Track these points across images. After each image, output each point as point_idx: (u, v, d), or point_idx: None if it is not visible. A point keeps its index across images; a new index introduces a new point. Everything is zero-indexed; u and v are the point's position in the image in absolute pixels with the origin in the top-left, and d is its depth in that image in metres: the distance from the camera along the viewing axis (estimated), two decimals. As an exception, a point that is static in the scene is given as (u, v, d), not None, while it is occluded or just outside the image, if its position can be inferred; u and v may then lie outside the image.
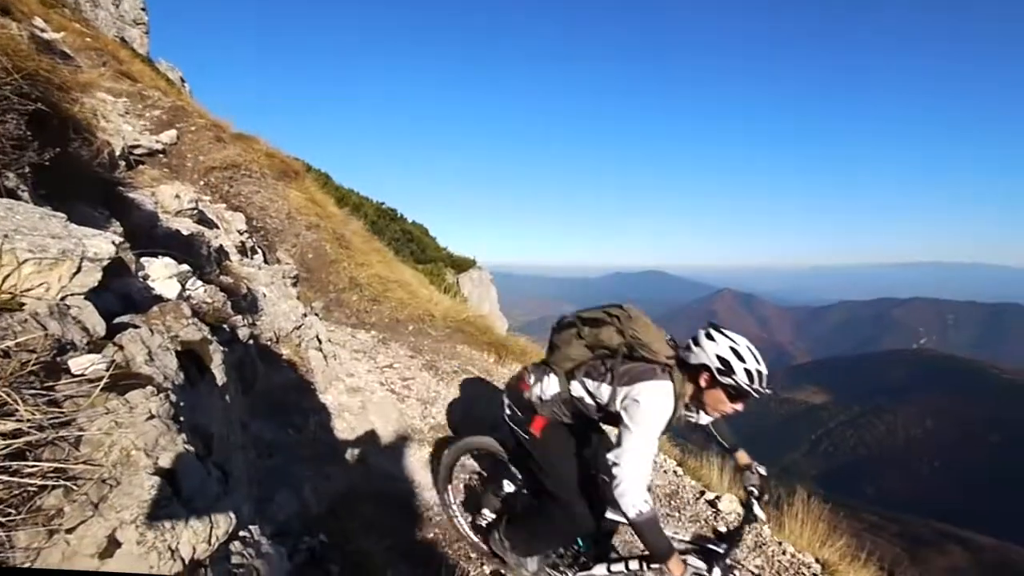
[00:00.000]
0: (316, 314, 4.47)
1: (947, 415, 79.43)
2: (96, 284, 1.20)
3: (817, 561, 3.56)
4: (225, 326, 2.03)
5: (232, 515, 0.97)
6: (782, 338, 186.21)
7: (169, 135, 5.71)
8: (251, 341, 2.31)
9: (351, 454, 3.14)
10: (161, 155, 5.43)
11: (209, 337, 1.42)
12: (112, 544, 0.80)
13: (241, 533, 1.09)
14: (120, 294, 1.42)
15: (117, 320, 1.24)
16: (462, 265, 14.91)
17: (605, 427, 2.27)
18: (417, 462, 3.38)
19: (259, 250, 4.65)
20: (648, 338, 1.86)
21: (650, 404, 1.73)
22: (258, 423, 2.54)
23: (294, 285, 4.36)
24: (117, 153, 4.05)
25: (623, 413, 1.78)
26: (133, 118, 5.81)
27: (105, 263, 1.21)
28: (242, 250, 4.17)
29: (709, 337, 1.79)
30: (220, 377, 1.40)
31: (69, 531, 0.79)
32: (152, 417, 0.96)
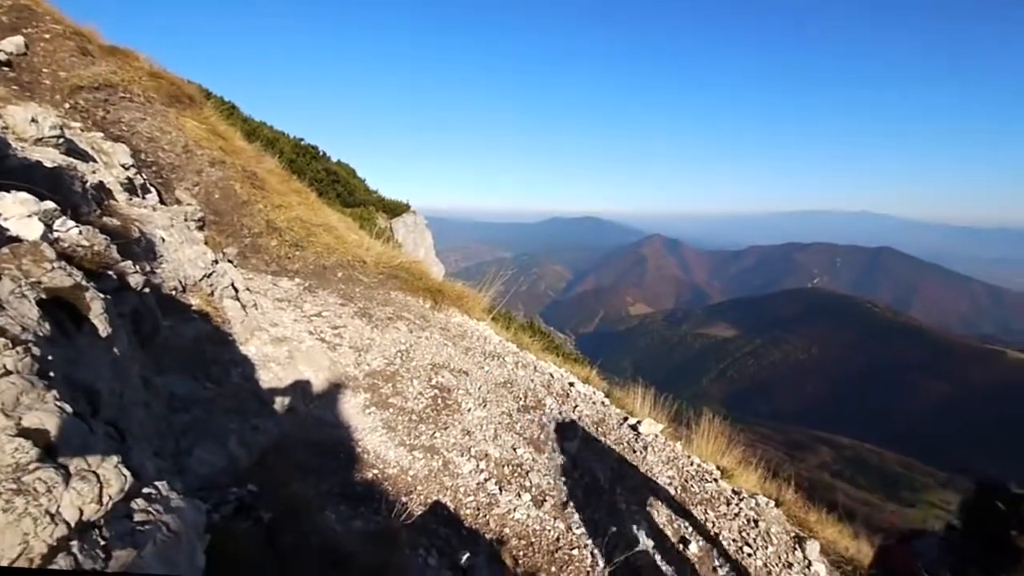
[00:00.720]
0: (229, 261, 4.09)
1: (828, 343, 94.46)
2: (-90, 219, 0.96)
3: (718, 468, 4.16)
4: (111, 272, 1.77)
5: (127, 473, 0.89)
6: (700, 280, 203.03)
7: (14, 43, 4.62)
8: (147, 290, 2.06)
9: (280, 404, 3.03)
10: (6, 68, 4.41)
11: (84, 284, 1.23)
12: (-30, 515, 0.70)
13: (145, 490, 1.00)
14: (-47, 233, 1.17)
15: (-49, 264, 1.02)
16: (395, 209, 14.20)
17: None
18: (352, 408, 3.34)
19: (152, 188, 4.06)
20: None
21: None
22: (167, 377, 2.34)
23: (200, 229, 3.90)
24: (-61, 61, 3.21)
25: None
26: (-42, 17, 4.61)
27: (-81, 192, 0.97)
28: (130, 188, 3.61)
29: None
30: (103, 328, 1.23)
31: (-92, 506, 0.67)
32: (9, 373, 0.83)
